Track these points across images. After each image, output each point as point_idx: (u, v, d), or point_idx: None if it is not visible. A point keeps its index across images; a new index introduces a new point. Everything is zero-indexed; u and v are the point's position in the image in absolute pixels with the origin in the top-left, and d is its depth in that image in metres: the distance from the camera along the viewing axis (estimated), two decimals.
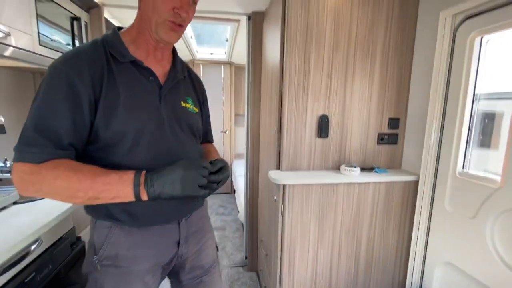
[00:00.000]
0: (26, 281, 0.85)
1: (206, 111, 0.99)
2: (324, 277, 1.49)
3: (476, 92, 1.21)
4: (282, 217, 1.38)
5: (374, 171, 1.47)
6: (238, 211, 3.06)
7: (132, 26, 0.76)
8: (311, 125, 1.43)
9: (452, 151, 1.28)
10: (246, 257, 2.26)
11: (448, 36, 1.26)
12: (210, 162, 0.72)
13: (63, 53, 0.69)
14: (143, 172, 0.65)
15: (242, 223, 2.72)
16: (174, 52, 0.86)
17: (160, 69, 0.78)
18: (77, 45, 1.51)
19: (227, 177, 0.74)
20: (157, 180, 0.63)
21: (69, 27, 1.46)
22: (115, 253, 0.73)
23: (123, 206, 0.69)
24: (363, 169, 1.47)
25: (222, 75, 3.96)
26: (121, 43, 0.72)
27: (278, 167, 1.48)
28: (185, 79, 0.87)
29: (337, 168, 1.49)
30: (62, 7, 1.39)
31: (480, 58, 1.19)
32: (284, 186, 1.35)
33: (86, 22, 1.62)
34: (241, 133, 4.02)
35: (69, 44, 1.46)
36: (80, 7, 1.57)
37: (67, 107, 0.62)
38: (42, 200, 1.10)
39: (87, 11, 1.65)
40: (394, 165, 1.56)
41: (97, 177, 0.62)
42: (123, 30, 0.77)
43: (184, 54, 3.39)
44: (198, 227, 0.89)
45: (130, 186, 0.62)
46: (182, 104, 0.82)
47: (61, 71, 0.63)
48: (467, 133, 1.25)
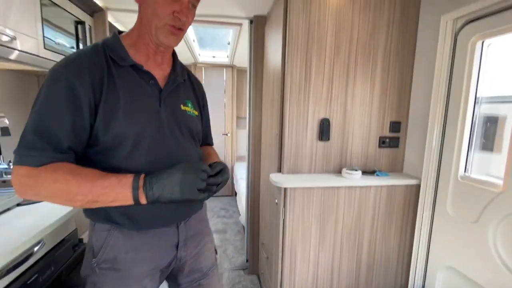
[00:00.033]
0: (28, 282, 0.86)
1: (206, 114, 0.99)
2: (325, 281, 1.48)
3: (477, 96, 1.22)
4: (283, 220, 1.38)
5: (375, 174, 1.47)
6: (239, 214, 3.05)
7: (132, 30, 0.76)
8: (313, 128, 1.44)
9: (453, 154, 1.28)
10: (247, 260, 2.25)
11: (449, 40, 1.26)
12: (209, 165, 0.72)
13: (65, 56, 0.69)
14: (142, 176, 0.64)
15: (243, 226, 2.72)
16: (174, 55, 0.86)
17: (160, 72, 0.79)
18: (81, 48, 1.52)
19: (227, 180, 0.74)
20: (156, 184, 0.63)
21: (73, 31, 1.47)
22: (114, 256, 0.73)
23: (122, 209, 0.69)
24: (364, 172, 1.47)
25: (224, 78, 3.98)
26: (122, 47, 0.72)
27: (280, 170, 1.48)
28: (185, 83, 0.87)
29: (338, 171, 1.49)
30: (66, 11, 1.41)
31: (482, 62, 1.19)
32: (285, 189, 1.35)
33: (90, 25, 1.64)
34: (243, 135, 4.01)
35: (73, 47, 1.47)
36: (84, 11, 1.59)
37: (67, 110, 0.62)
38: (45, 202, 1.10)
39: (91, 15, 1.67)
40: (395, 168, 1.56)
41: (96, 180, 0.62)
42: (123, 34, 0.77)
43: (187, 57, 3.41)
44: (197, 230, 0.89)
45: (129, 189, 0.62)
46: (182, 107, 0.82)
47: (62, 75, 0.63)
48: (468, 137, 1.25)
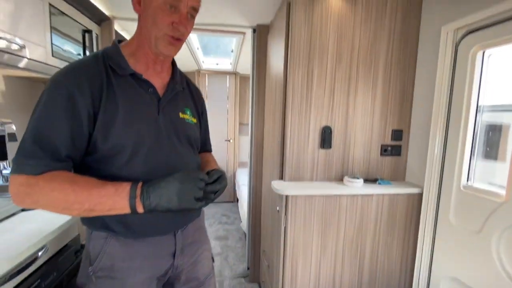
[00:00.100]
0: None
1: (205, 121, 1.00)
2: None
3: (479, 104, 1.22)
4: (285, 228, 1.38)
5: (377, 182, 1.47)
6: (241, 220, 3.04)
7: (132, 39, 0.77)
8: (314, 136, 1.44)
9: (456, 163, 1.28)
10: (248, 268, 2.24)
11: (450, 50, 1.28)
12: (207, 172, 0.73)
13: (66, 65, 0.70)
14: (140, 184, 0.64)
15: (244, 233, 2.70)
16: (174, 63, 0.87)
17: (160, 81, 0.79)
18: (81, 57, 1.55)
19: (224, 187, 0.74)
20: (153, 193, 0.63)
21: (80, 39, 1.51)
22: (111, 264, 0.73)
23: (119, 217, 0.69)
24: (366, 180, 1.47)
25: (227, 85, 4.02)
26: (121, 56, 0.73)
27: (281, 177, 1.48)
28: (184, 91, 0.88)
29: (340, 179, 1.49)
30: (74, 20, 1.45)
31: (483, 71, 1.20)
32: (287, 196, 1.35)
33: (97, 34, 1.68)
34: (245, 142, 4.04)
35: (79, 54, 1.51)
36: (91, 20, 1.63)
37: (66, 119, 0.62)
38: None
39: (99, 23, 1.71)
40: (397, 176, 1.56)
41: (93, 189, 0.61)
42: (123, 43, 0.77)
43: (190, 65, 3.46)
44: (194, 238, 0.88)
45: (125, 198, 0.62)
46: (181, 115, 0.82)
47: (61, 83, 0.64)
48: (471, 146, 1.25)
